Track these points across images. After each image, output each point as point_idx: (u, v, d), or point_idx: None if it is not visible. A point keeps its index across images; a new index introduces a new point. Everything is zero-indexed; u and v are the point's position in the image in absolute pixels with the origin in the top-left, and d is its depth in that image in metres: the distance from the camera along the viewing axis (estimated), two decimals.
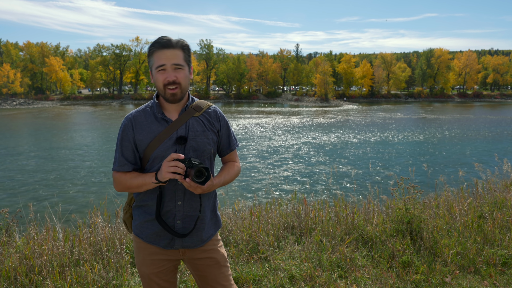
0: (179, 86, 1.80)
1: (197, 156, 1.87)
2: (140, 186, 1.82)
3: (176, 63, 1.78)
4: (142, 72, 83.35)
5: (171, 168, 1.68)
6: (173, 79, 1.77)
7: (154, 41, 1.80)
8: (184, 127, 1.85)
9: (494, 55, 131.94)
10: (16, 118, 47.35)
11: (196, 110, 1.89)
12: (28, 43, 79.98)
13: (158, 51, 1.77)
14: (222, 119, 1.98)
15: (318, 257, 3.55)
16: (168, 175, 1.69)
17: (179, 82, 1.79)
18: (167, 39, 1.79)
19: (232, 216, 4.33)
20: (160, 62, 1.77)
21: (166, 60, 1.77)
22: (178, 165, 1.68)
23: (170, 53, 1.77)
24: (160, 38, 1.79)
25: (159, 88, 1.81)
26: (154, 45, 1.78)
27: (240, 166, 2.10)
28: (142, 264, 1.95)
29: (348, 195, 9.80)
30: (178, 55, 1.79)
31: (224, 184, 1.95)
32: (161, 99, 1.90)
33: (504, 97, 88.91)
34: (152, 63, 1.80)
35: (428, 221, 4.12)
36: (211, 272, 1.97)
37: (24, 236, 3.81)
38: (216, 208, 2.04)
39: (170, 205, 1.85)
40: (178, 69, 1.79)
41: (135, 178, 1.83)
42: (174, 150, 1.82)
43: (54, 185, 14.90)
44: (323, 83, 78.35)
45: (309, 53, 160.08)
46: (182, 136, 1.82)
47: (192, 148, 1.85)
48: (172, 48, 1.78)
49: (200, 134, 1.87)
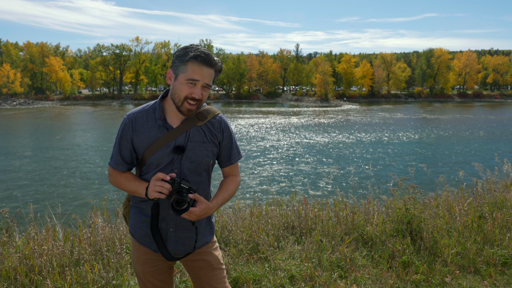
0: (198, 104, 1.76)
1: (194, 167, 1.82)
2: (133, 192, 1.82)
3: (208, 83, 1.74)
4: (142, 72, 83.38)
5: (156, 188, 1.66)
6: (199, 97, 1.72)
7: (196, 53, 1.69)
8: (184, 136, 1.80)
9: (494, 55, 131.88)
10: (16, 118, 47.36)
11: (199, 118, 1.82)
12: (28, 43, 79.98)
13: (197, 64, 1.70)
14: (226, 130, 1.90)
15: (318, 257, 3.55)
16: (154, 194, 1.67)
17: (202, 100, 1.76)
18: (210, 56, 1.72)
19: (232, 216, 4.32)
20: (195, 77, 1.70)
21: (201, 77, 1.71)
22: (163, 185, 1.66)
23: (207, 71, 1.72)
24: (202, 52, 1.71)
25: (179, 98, 1.73)
26: (195, 58, 1.69)
27: (240, 179, 2.04)
28: (136, 262, 1.96)
29: (348, 195, 9.80)
30: (211, 75, 1.75)
31: (222, 204, 1.90)
32: (166, 102, 1.84)
33: (504, 97, 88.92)
34: (183, 72, 1.71)
35: (428, 221, 4.12)
36: (204, 274, 1.97)
37: (24, 236, 3.81)
38: (211, 216, 2.00)
39: (163, 212, 1.84)
40: (206, 88, 1.75)
41: (129, 183, 1.82)
42: (171, 159, 1.78)
43: (54, 185, 14.90)
44: (323, 83, 78.35)
45: (309, 53, 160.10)
46: (179, 146, 1.78)
47: (189, 159, 1.80)
48: (211, 68, 1.73)
49: (199, 145, 1.81)
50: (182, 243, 1.88)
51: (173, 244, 1.86)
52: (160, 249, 1.83)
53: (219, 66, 1.77)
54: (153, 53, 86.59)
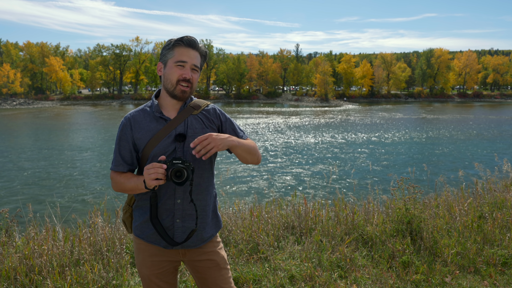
0: (190, 86, 1.84)
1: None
2: (133, 189, 1.82)
3: (195, 64, 1.84)
4: (142, 72, 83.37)
5: (152, 175, 1.65)
6: (189, 77, 1.82)
7: (179, 37, 1.83)
8: (183, 125, 1.85)
9: (494, 55, 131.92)
10: (16, 118, 47.35)
11: (194, 108, 1.90)
12: (28, 43, 79.98)
13: (182, 48, 1.82)
14: (222, 115, 1.97)
15: (318, 257, 3.55)
16: (152, 182, 1.66)
17: (192, 82, 1.84)
18: (193, 39, 1.84)
19: (232, 216, 4.32)
20: (182, 58, 1.80)
21: (188, 58, 1.81)
22: (157, 170, 1.65)
23: (193, 53, 1.83)
24: (186, 36, 1.83)
25: (171, 82, 1.82)
26: (179, 41, 1.82)
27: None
28: (142, 265, 1.95)
29: (348, 195, 9.81)
30: (198, 58, 1.86)
31: (241, 145, 1.84)
32: (160, 98, 1.91)
33: (504, 97, 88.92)
34: (171, 57, 1.82)
35: (428, 221, 4.12)
36: (210, 274, 1.96)
37: (24, 236, 3.81)
38: (216, 208, 2.03)
39: (169, 203, 1.84)
40: (195, 70, 1.85)
41: (129, 180, 1.82)
42: (174, 148, 1.82)
43: (54, 185, 14.90)
44: (323, 83, 78.36)
45: (309, 53, 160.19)
46: (181, 133, 1.83)
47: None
48: (195, 50, 1.84)
49: (199, 131, 1.86)
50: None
51: (180, 236, 1.86)
52: (163, 236, 1.82)
53: (203, 50, 1.88)
54: (153, 53, 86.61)
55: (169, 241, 1.83)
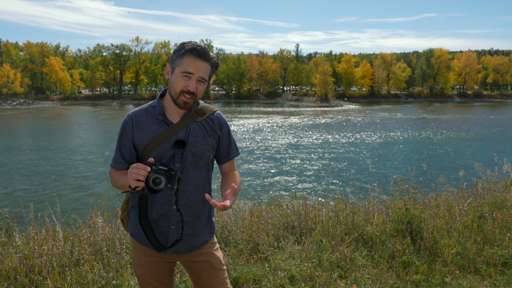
0: (194, 98, 1.79)
1: (196, 161, 1.84)
2: (123, 186, 1.78)
3: (203, 77, 1.77)
4: (142, 72, 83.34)
5: (133, 175, 1.58)
6: (193, 90, 1.76)
7: (191, 46, 1.75)
8: (184, 130, 1.83)
9: (494, 55, 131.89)
10: (16, 118, 47.35)
11: (199, 114, 1.87)
12: (28, 43, 79.96)
13: (191, 58, 1.74)
14: (224, 126, 1.94)
15: (318, 257, 3.55)
16: (133, 182, 1.58)
17: (197, 94, 1.79)
18: (205, 51, 1.76)
19: (232, 216, 4.32)
20: (190, 69, 1.74)
21: (195, 70, 1.75)
22: (139, 171, 1.57)
23: (202, 64, 1.76)
24: (198, 45, 1.76)
25: (175, 91, 1.77)
26: (191, 50, 1.74)
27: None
28: (137, 265, 1.95)
29: (348, 195, 9.80)
30: (207, 70, 1.79)
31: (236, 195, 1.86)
32: (165, 100, 1.88)
33: (504, 97, 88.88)
34: (179, 65, 1.76)
35: (428, 221, 4.12)
36: (206, 275, 1.96)
37: (24, 236, 3.80)
38: (211, 214, 2.00)
39: (165, 208, 1.83)
40: (201, 82, 1.79)
41: (120, 177, 1.80)
42: (172, 153, 1.80)
43: (54, 185, 14.90)
44: (323, 83, 78.34)
45: (309, 53, 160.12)
46: (180, 140, 1.80)
47: (191, 153, 1.82)
48: (206, 61, 1.77)
49: (200, 139, 1.84)
50: (183, 241, 1.88)
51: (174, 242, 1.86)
52: (150, 240, 1.79)
53: (214, 61, 1.81)
54: (153, 53, 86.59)
55: (156, 245, 1.81)
